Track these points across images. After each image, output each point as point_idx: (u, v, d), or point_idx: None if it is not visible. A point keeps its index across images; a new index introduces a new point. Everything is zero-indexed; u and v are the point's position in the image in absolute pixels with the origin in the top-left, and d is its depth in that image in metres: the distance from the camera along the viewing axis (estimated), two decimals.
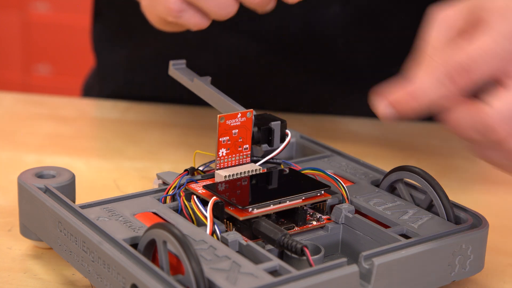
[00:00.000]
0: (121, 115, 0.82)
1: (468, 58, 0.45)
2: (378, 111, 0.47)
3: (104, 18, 0.90)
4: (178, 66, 0.61)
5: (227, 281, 0.41)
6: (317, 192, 0.50)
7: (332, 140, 0.72)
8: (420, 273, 0.46)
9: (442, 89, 0.45)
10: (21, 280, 0.50)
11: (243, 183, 0.51)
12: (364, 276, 0.44)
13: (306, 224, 0.49)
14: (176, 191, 0.51)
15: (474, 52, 0.45)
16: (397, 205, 0.51)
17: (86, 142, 0.75)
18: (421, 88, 0.45)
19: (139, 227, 0.47)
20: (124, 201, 0.50)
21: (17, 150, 0.72)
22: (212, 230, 0.46)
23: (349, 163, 0.58)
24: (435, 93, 0.45)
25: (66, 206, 0.49)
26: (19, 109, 0.83)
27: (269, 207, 0.48)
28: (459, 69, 0.45)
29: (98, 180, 0.66)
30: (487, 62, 0.45)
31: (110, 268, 0.43)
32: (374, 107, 0.47)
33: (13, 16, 2.08)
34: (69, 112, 0.82)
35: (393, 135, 0.79)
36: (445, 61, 0.46)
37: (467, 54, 0.45)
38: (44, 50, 2.10)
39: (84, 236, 0.46)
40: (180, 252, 0.41)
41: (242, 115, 0.52)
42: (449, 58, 0.46)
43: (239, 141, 0.53)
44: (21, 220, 0.52)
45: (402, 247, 0.45)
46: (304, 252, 0.45)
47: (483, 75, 0.45)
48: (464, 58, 0.45)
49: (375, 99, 0.47)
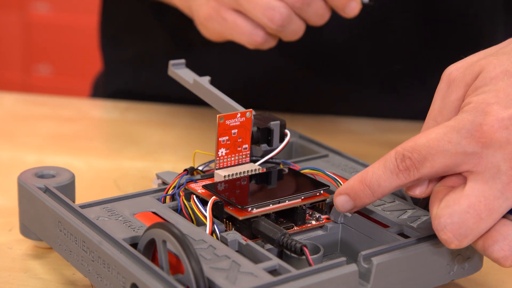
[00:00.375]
0: (121, 115, 0.82)
1: (414, 149, 0.43)
2: (336, 205, 0.46)
3: (110, 17, 0.91)
4: (178, 66, 0.61)
5: (226, 280, 0.41)
6: (316, 192, 0.50)
7: (331, 140, 0.72)
8: (419, 272, 0.46)
9: (391, 179, 0.44)
10: (21, 280, 0.50)
11: (243, 183, 0.51)
12: (363, 275, 0.44)
13: (305, 224, 0.49)
14: (175, 190, 0.51)
15: (432, 139, 0.43)
16: (396, 204, 0.51)
17: (87, 142, 0.75)
18: (374, 179, 0.44)
19: (139, 226, 0.47)
20: (123, 201, 0.50)
21: (17, 150, 0.72)
22: (212, 230, 0.46)
23: (348, 162, 0.58)
24: (388, 183, 0.44)
25: (66, 206, 0.49)
26: (20, 109, 0.83)
27: (268, 207, 0.48)
28: (411, 157, 0.43)
29: (98, 180, 0.66)
30: (445, 153, 0.43)
31: (110, 268, 0.44)
32: (335, 203, 0.46)
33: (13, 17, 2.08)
34: (70, 112, 0.82)
35: (393, 135, 0.79)
36: (401, 147, 0.44)
37: (425, 140, 0.43)
38: (44, 50, 2.10)
39: (84, 236, 0.46)
40: (179, 252, 0.41)
41: (241, 115, 0.52)
42: (406, 144, 0.44)
43: (239, 141, 0.53)
44: (21, 220, 0.53)
45: (401, 246, 0.45)
46: (304, 252, 0.45)
47: (440, 167, 0.43)
48: (420, 144, 0.44)
49: (336, 196, 0.46)
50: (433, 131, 0.44)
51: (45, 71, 2.12)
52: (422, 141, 0.43)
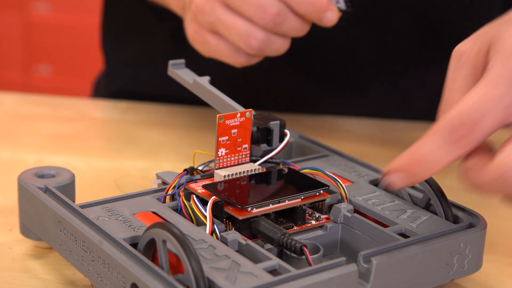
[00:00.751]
0: (122, 115, 0.82)
1: (469, 111, 0.42)
2: (393, 182, 0.44)
3: (112, 17, 0.91)
4: (178, 66, 0.61)
5: (226, 280, 0.41)
6: (316, 192, 0.50)
7: (331, 140, 0.72)
8: (418, 272, 0.46)
9: (449, 151, 0.43)
10: (21, 280, 0.50)
11: (242, 183, 0.51)
12: (363, 275, 0.44)
13: (305, 224, 0.50)
14: (175, 190, 0.51)
15: (474, 102, 0.42)
16: (395, 204, 0.51)
17: (87, 142, 0.75)
18: (427, 155, 0.43)
19: (139, 226, 0.47)
20: (123, 201, 0.50)
21: (17, 150, 0.72)
22: (212, 230, 0.46)
23: (348, 162, 0.58)
24: (443, 157, 0.43)
25: (66, 206, 0.49)
26: (20, 109, 0.83)
27: (268, 207, 0.48)
28: (462, 125, 0.42)
29: (99, 180, 0.66)
30: (491, 111, 0.42)
31: (110, 268, 0.44)
32: (384, 181, 0.45)
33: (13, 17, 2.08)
34: (70, 112, 0.82)
35: (393, 135, 0.80)
36: (448, 118, 0.43)
37: (467, 106, 0.42)
38: (44, 51, 2.10)
39: (84, 236, 0.46)
40: (179, 251, 0.41)
41: (241, 115, 0.52)
42: (451, 114, 0.42)
43: (238, 140, 0.53)
44: (21, 219, 0.53)
45: (401, 246, 0.45)
46: (303, 251, 0.45)
47: (491, 126, 0.42)
48: (465, 111, 0.42)
49: (386, 174, 0.45)
50: (472, 94, 0.42)
51: (45, 71, 2.12)
52: (466, 106, 0.42)
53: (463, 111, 0.42)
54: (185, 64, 0.62)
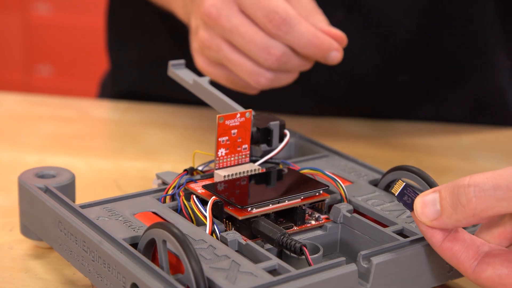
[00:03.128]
0: (122, 115, 0.83)
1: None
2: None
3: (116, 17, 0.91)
4: (177, 66, 0.61)
5: (226, 280, 0.41)
6: (315, 192, 0.50)
7: (331, 141, 0.72)
8: (417, 272, 0.46)
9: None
10: (22, 280, 0.50)
11: (242, 183, 0.51)
12: (363, 275, 0.44)
13: (305, 224, 0.50)
14: (175, 191, 0.51)
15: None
16: (395, 204, 0.51)
17: (87, 142, 0.75)
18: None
19: (139, 226, 0.47)
20: (123, 201, 0.50)
21: (18, 151, 0.72)
22: (212, 230, 0.47)
23: (348, 163, 0.58)
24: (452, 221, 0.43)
25: (66, 206, 0.49)
26: (21, 109, 0.83)
27: (268, 207, 0.48)
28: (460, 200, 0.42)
29: (99, 180, 0.66)
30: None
31: (111, 268, 0.44)
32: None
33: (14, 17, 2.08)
34: (70, 113, 0.82)
35: (393, 137, 0.80)
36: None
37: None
38: (45, 51, 2.11)
39: (84, 236, 0.46)
40: (179, 251, 0.41)
41: (241, 115, 0.53)
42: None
43: (238, 141, 0.53)
44: (22, 219, 0.53)
45: (400, 246, 0.45)
46: (303, 251, 0.45)
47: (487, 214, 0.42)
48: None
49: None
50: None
51: (45, 72, 2.12)
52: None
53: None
54: (187, 65, 0.62)
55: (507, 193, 0.41)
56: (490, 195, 0.41)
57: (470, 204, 0.41)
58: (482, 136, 0.81)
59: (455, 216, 0.42)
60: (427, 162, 0.73)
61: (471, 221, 0.42)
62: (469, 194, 0.41)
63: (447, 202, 0.42)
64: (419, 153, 0.75)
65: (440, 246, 0.43)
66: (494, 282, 0.42)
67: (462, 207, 0.42)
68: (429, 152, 0.76)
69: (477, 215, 0.41)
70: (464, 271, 0.43)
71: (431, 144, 0.78)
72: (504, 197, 0.41)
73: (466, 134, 0.81)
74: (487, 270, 0.42)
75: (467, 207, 0.41)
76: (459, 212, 0.42)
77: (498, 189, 0.41)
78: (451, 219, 0.42)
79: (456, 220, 0.42)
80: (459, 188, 0.42)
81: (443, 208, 0.42)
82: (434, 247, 0.44)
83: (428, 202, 0.43)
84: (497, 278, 0.42)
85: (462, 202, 0.42)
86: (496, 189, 0.41)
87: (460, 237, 0.43)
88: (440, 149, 0.77)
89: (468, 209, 0.41)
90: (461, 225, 0.42)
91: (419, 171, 0.51)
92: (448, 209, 0.42)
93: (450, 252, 0.43)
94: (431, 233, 0.43)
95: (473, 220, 0.42)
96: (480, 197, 0.41)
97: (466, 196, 0.41)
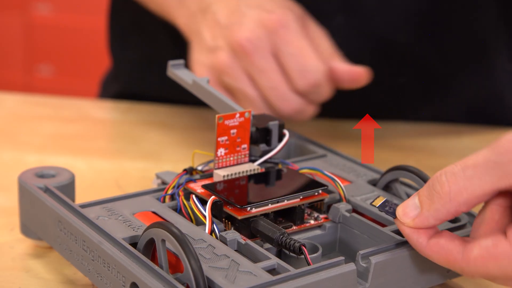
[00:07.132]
0: (122, 115, 0.83)
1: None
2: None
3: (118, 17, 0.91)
4: (177, 66, 0.61)
5: (226, 279, 0.41)
6: (314, 192, 0.50)
7: (330, 141, 0.72)
8: (416, 271, 0.46)
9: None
10: (22, 279, 0.50)
11: (242, 183, 0.51)
12: (362, 274, 0.44)
13: (304, 223, 0.50)
14: (175, 190, 0.51)
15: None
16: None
17: (88, 142, 0.75)
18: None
19: (139, 226, 0.47)
20: (123, 201, 0.50)
21: (19, 150, 0.72)
22: (211, 229, 0.47)
23: (346, 162, 0.58)
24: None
25: (66, 206, 0.49)
26: (21, 109, 0.84)
27: (267, 206, 0.48)
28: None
29: (100, 180, 0.66)
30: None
31: (110, 267, 0.44)
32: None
33: (15, 17, 2.08)
34: (71, 113, 0.83)
35: (392, 136, 0.80)
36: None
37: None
38: (46, 51, 2.11)
39: (84, 235, 0.46)
40: (179, 251, 0.41)
41: (240, 115, 0.53)
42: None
43: (238, 141, 0.53)
44: (22, 219, 0.53)
45: (399, 245, 0.46)
46: (302, 251, 0.45)
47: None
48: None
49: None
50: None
51: (46, 72, 2.13)
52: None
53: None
54: (186, 65, 0.62)
55: (474, 170, 0.42)
56: (460, 176, 0.42)
57: (443, 188, 0.43)
58: (482, 137, 0.81)
59: (433, 206, 0.43)
60: (427, 162, 0.73)
61: (449, 209, 0.43)
62: (442, 180, 0.43)
63: (424, 195, 0.44)
64: (419, 154, 0.76)
65: (426, 245, 0.44)
66: (484, 258, 0.42)
67: (438, 194, 0.43)
68: (428, 153, 0.76)
69: (453, 200, 0.42)
70: (454, 260, 0.43)
71: (431, 144, 0.78)
72: (473, 175, 0.42)
73: (466, 135, 0.81)
74: (474, 249, 0.42)
75: (442, 192, 0.43)
76: (436, 200, 0.43)
77: (466, 169, 0.42)
78: (430, 211, 0.43)
79: (435, 210, 0.43)
80: (433, 180, 0.43)
81: (421, 202, 0.44)
82: (421, 249, 0.44)
83: (409, 204, 0.44)
84: (485, 252, 0.42)
85: (436, 189, 0.43)
86: (465, 169, 0.42)
87: (444, 233, 0.44)
88: (440, 150, 0.77)
89: (443, 193, 0.43)
90: (441, 215, 0.43)
91: (418, 171, 0.51)
92: (425, 201, 0.43)
93: (437, 247, 0.43)
94: (417, 235, 0.44)
95: (452, 206, 0.43)
96: (451, 180, 0.42)
97: (439, 183, 0.43)
